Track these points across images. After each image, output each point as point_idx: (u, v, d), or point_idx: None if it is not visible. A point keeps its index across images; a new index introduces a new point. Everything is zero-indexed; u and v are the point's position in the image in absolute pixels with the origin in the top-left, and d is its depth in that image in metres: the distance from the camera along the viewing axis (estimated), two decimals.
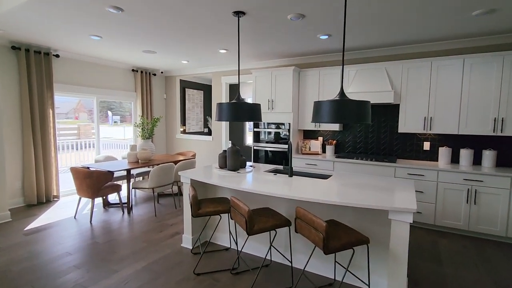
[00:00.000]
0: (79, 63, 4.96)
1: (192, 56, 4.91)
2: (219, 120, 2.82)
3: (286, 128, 4.54)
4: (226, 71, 5.81)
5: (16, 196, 4.25)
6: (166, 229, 3.48)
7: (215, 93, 6.03)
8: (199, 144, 6.38)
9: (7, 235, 3.21)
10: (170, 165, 4.12)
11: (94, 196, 3.70)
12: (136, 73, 5.94)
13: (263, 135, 4.79)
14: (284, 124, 4.62)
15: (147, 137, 4.72)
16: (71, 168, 3.67)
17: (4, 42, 3.98)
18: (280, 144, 4.61)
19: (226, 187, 2.49)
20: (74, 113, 15.21)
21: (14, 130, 4.18)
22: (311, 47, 4.17)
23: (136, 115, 6.07)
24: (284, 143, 4.57)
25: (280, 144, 4.62)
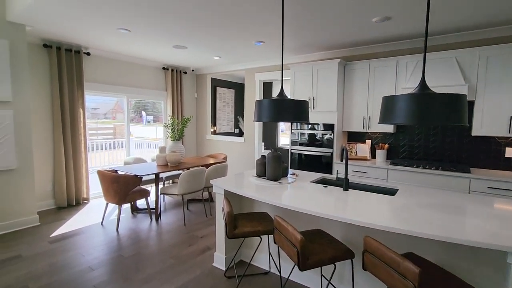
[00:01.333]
0: (110, 61, 4.81)
1: (225, 51, 4.53)
2: (258, 121, 2.37)
3: (321, 129, 3.99)
4: (260, 67, 5.37)
5: (48, 198, 4.16)
6: (196, 243, 3.11)
7: (248, 92, 5.62)
8: (230, 145, 6.02)
9: (32, 242, 3.04)
10: (200, 170, 3.76)
11: (121, 202, 3.44)
12: (166, 71, 5.72)
13: (296, 137, 4.28)
14: (318, 125, 4.07)
15: (177, 138, 4.42)
16: (98, 171, 3.45)
17: (35, 40, 3.88)
18: (321, 148, 4.07)
19: (269, 203, 2.04)
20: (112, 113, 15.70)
21: (45, 130, 4.09)
22: (362, 35, 3.58)
23: (167, 115, 5.85)
24: (327, 146, 4.02)
25: (320, 147, 4.07)
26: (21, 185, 3.38)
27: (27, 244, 3.00)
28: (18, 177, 3.35)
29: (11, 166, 3.27)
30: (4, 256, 2.73)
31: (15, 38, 3.23)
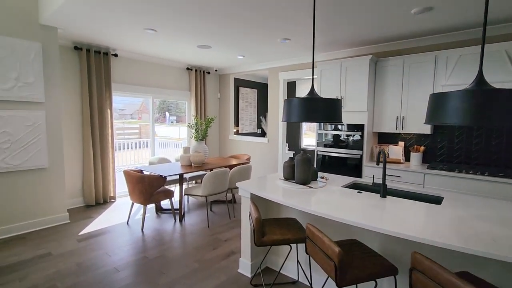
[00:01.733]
0: (136, 62, 4.87)
1: (249, 50, 4.43)
2: (287, 121, 2.23)
3: (349, 129, 3.76)
4: (285, 66, 5.22)
5: (77, 196, 4.27)
6: (220, 246, 3.03)
7: (271, 91, 5.50)
8: (253, 146, 5.92)
9: (61, 240, 3.10)
10: (224, 171, 3.69)
11: (146, 202, 3.44)
12: (190, 72, 5.73)
13: (323, 138, 4.08)
14: (343, 125, 3.86)
15: (200, 138, 4.39)
16: (124, 171, 3.47)
17: (67, 43, 3.99)
18: (350, 150, 3.85)
19: (299, 209, 1.90)
20: (138, 114, 16.20)
21: (75, 130, 4.20)
22: (397, 29, 3.33)
23: (190, 115, 5.86)
24: (356, 147, 3.80)
25: (349, 149, 3.85)
26: (52, 183, 3.48)
27: (57, 241, 3.06)
28: (49, 176, 3.45)
29: (43, 165, 3.37)
30: (35, 253, 2.80)
31: (47, 41, 3.33)
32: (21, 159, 3.19)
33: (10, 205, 3.17)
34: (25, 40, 3.14)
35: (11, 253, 2.79)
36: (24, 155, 3.21)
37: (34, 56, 3.21)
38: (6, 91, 3.04)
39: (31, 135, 3.25)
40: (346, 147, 3.90)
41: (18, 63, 3.10)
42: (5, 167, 3.09)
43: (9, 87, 3.06)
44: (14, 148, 3.13)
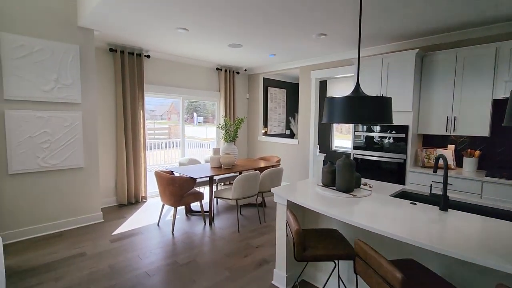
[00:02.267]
0: (167, 63, 4.89)
1: (281, 48, 4.25)
2: (328, 121, 2.03)
3: (390, 131, 3.43)
4: (317, 64, 4.97)
5: (110, 195, 4.36)
6: (252, 253, 2.88)
7: (302, 91, 5.27)
8: (282, 148, 5.73)
9: (96, 239, 3.13)
10: (255, 174, 3.54)
11: (176, 204, 3.39)
12: (220, 72, 5.67)
13: (360, 139, 3.78)
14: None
15: (230, 140, 4.28)
16: (156, 172, 3.45)
17: (103, 45, 4.08)
18: (391, 153, 3.53)
19: (345, 221, 1.69)
20: (167, 114, 16.69)
21: (109, 130, 4.28)
22: (448, 19, 2.98)
23: (219, 116, 5.80)
24: (398, 150, 3.47)
25: (390, 152, 3.53)
26: (88, 183, 3.54)
27: (92, 241, 3.10)
28: (85, 175, 3.52)
29: (79, 165, 3.44)
30: (71, 252, 2.84)
31: (84, 43, 3.39)
32: (59, 158, 3.28)
33: (48, 204, 3.26)
34: (64, 42, 3.22)
35: (49, 251, 2.85)
36: (62, 155, 3.29)
37: (72, 58, 3.28)
38: (46, 92, 3.13)
39: (68, 135, 3.33)
40: (387, 150, 3.58)
41: (58, 65, 3.19)
42: (44, 166, 3.18)
43: (49, 89, 3.15)
44: (53, 148, 3.22)
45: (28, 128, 3.06)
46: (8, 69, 2.89)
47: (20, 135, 3.02)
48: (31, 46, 3.00)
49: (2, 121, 2.92)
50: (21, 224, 3.09)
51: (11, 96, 2.93)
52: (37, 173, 3.15)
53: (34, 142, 3.10)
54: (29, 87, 3.02)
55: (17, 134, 3.00)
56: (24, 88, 3.00)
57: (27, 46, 2.98)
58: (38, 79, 3.07)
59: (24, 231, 3.10)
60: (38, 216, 3.20)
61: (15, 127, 2.98)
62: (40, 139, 3.13)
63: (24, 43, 2.96)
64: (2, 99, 2.90)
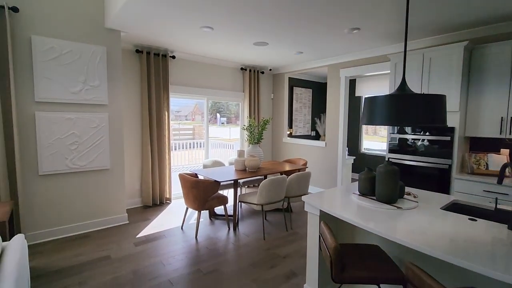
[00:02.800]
0: (192, 63, 4.84)
1: (309, 45, 4.03)
2: (368, 123, 1.80)
3: (430, 133, 3.08)
4: (347, 61, 4.68)
5: (135, 196, 4.37)
6: (279, 264, 2.69)
7: (330, 90, 4.99)
8: (308, 150, 5.48)
9: (120, 242, 3.10)
10: (282, 179, 3.35)
11: (200, 208, 3.29)
12: (244, 72, 5.54)
13: (395, 141, 3.46)
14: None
15: (255, 142, 4.13)
16: (180, 174, 3.37)
17: (129, 46, 4.09)
18: (434, 158, 3.19)
19: (393, 240, 1.46)
20: (192, 115, 16.98)
21: (135, 132, 4.29)
22: (505, 4, 2.61)
23: (244, 117, 5.67)
24: (442, 155, 3.13)
25: (432, 156, 3.19)
26: (113, 184, 3.55)
27: (116, 243, 3.07)
28: (111, 177, 3.52)
29: (106, 166, 3.44)
30: (95, 255, 2.81)
31: (111, 44, 3.39)
32: (87, 160, 3.29)
33: (75, 205, 3.29)
34: (92, 44, 3.24)
35: (75, 253, 2.85)
36: (89, 156, 3.31)
37: (99, 60, 3.29)
38: (75, 94, 3.16)
39: (95, 136, 3.34)
40: (427, 154, 3.24)
41: (86, 67, 3.20)
42: (72, 167, 3.21)
43: (77, 90, 3.17)
44: (80, 149, 3.24)
45: (57, 130, 3.09)
46: (39, 71, 2.94)
47: (50, 137, 3.06)
48: (60, 48, 3.03)
49: (33, 122, 2.97)
50: (50, 224, 3.13)
51: (41, 98, 2.98)
52: (65, 174, 3.19)
53: (63, 144, 3.13)
54: (58, 89, 3.06)
55: (47, 135, 3.04)
56: (54, 90, 3.03)
57: (57, 48, 3.01)
58: (67, 81, 3.10)
59: (52, 231, 3.14)
60: (66, 216, 3.23)
61: (45, 128, 3.02)
62: (68, 140, 3.16)
63: (54, 45, 2.99)
64: (33, 101, 2.95)
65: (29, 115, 2.95)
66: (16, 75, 2.85)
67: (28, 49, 2.89)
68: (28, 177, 2.98)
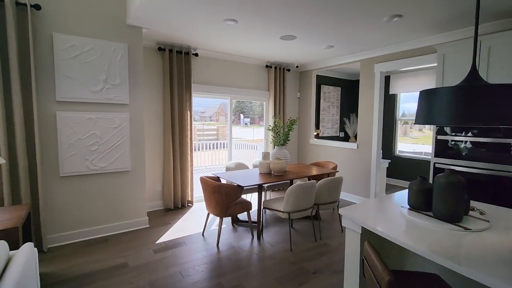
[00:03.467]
0: (215, 61, 4.65)
1: (341, 38, 3.67)
2: (426, 123, 1.46)
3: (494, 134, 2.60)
4: (383, 55, 4.25)
5: (157, 199, 4.25)
6: (308, 281, 2.39)
7: (363, 87, 4.58)
8: (337, 152, 5.09)
9: (139, 248, 2.96)
10: (311, 184, 3.04)
11: (222, 215, 3.07)
12: (269, 70, 5.27)
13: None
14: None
15: (281, 143, 3.84)
16: (201, 178, 3.17)
17: (151, 44, 3.97)
18: (499, 165, 2.72)
19: (490, 285, 1.12)
20: (216, 116, 16.96)
21: (156, 132, 4.17)
22: None
23: (268, 117, 5.40)
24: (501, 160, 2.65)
25: (495, 163, 2.72)
26: (134, 187, 3.43)
27: (135, 250, 2.93)
28: (132, 179, 3.40)
29: (126, 168, 3.33)
30: (113, 262, 2.68)
31: (133, 41, 3.27)
32: (107, 161, 3.19)
33: (95, 207, 3.20)
34: (113, 41, 3.13)
35: (92, 258, 2.73)
36: (109, 157, 3.21)
37: (121, 58, 3.18)
38: (95, 93, 3.06)
39: (116, 137, 3.24)
40: (491, 160, 2.77)
41: (107, 65, 3.10)
42: (93, 169, 3.12)
43: (98, 89, 3.07)
44: (101, 150, 3.15)
45: (78, 130, 3.01)
46: (60, 70, 2.86)
47: (71, 137, 2.98)
48: (81, 46, 2.95)
49: (54, 123, 2.91)
50: (69, 227, 3.06)
51: (62, 97, 2.90)
52: (85, 176, 3.10)
53: (83, 144, 3.05)
54: (79, 88, 2.97)
55: (68, 136, 2.96)
56: (75, 89, 2.95)
57: (78, 46, 2.93)
58: (88, 80, 3.01)
59: (72, 234, 3.07)
60: (85, 219, 3.15)
61: (66, 129, 2.95)
62: (89, 141, 3.08)
63: (75, 43, 2.91)
64: (54, 101, 2.89)
65: (50, 115, 2.88)
66: (37, 74, 2.79)
67: (49, 47, 2.82)
68: (48, 179, 2.92)
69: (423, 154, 5.85)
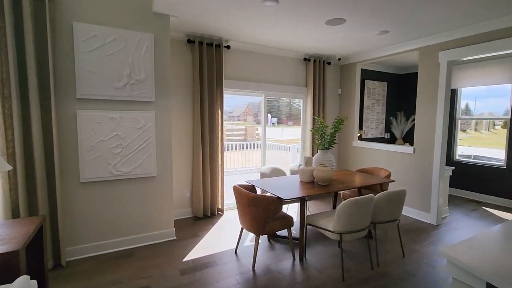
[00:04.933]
0: (248, 55, 4.19)
1: (400, 20, 3.03)
2: None
3: None
4: (451, 41, 3.51)
5: (185, 206, 3.89)
6: None
7: (422, 80, 3.86)
8: (387, 157, 4.39)
9: (164, 266, 2.58)
10: (368, 199, 2.45)
11: (258, 232, 2.59)
12: (308, 63, 4.71)
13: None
14: None
15: (326, 147, 3.28)
16: (234, 188, 2.72)
17: (180, 36, 3.61)
18: None
19: None
20: (243, 116, 16.59)
21: (185, 133, 3.81)
22: None
23: (306, 116, 4.84)
24: None
25: None
26: (160, 194, 3.07)
27: (160, 268, 2.55)
28: (158, 186, 3.05)
29: (151, 173, 2.98)
30: (135, 284, 2.31)
31: (159, 31, 2.91)
32: (131, 166, 2.86)
33: (118, 217, 2.88)
34: (138, 31, 2.78)
35: (113, 278, 2.39)
36: (133, 162, 2.87)
37: (146, 50, 2.82)
38: (119, 89, 2.73)
39: (141, 139, 2.89)
40: None
41: (131, 58, 2.76)
42: (116, 174, 2.79)
43: (122, 85, 2.74)
44: (124, 153, 2.82)
45: (100, 131, 2.70)
46: (80, 63, 2.56)
47: (92, 139, 2.68)
48: (104, 37, 2.62)
49: (74, 122, 2.61)
50: (90, 238, 2.76)
51: (83, 94, 2.60)
52: (107, 182, 2.79)
53: (105, 147, 2.73)
54: (101, 83, 2.66)
55: (89, 137, 2.66)
56: (97, 85, 2.64)
57: (100, 36, 2.61)
58: (111, 74, 2.69)
59: (92, 247, 2.77)
60: (107, 230, 2.83)
61: (87, 129, 2.65)
62: (111, 143, 2.76)
63: (97, 33, 2.59)
64: (74, 98, 2.59)
65: (70, 114, 2.59)
66: (56, 68, 2.50)
67: (69, 37, 2.53)
68: (68, 185, 2.63)
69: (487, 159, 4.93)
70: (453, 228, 3.64)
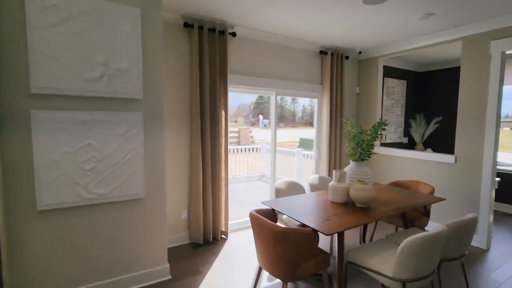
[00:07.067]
0: (257, 44, 3.49)
1: None
2: None
3: None
4: (504, 28, 2.90)
5: (181, 229, 3.14)
6: None
7: (466, 75, 3.23)
8: (419, 166, 3.74)
9: None
10: (443, 233, 1.77)
11: (287, 278, 1.87)
12: (324, 57, 4.03)
13: None
14: None
15: (361, 158, 2.59)
16: (252, 216, 2.00)
17: (175, 18, 2.88)
18: None
19: None
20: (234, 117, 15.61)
21: (181, 139, 3.07)
22: None
23: (322, 118, 4.16)
24: None
25: None
26: (149, 221, 2.32)
27: None
28: (146, 210, 2.30)
29: (138, 195, 2.23)
30: None
31: (148, 6, 2.17)
32: (109, 186, 2.10)
33: (93, 255, 2.12)
34: (119, 3, 2.04)
35: None
36: (112, 180, 2.12)
37: (131, 29, 2.09)
38: (91, 82, 1.98)
39: (123, 149, 2.14)
40: None
41: (108, 40, 2.02)
42: (87, 197, 2.04)
43: (95, 77, 1.99)
44: (100, 169, 2.06)
45: (65, 139, 1.95)
46: (35, 44, 1.81)
47: (54, 150, 1.92)
48: (68, 8, 1.88)
49: (28, 126, 1.85)
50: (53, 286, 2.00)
51: (41, 88, 1.85)
52: (75, 208, 2.03)
53: (73, 162, 1.98)
54: (65, 73, 1.91)
55: (49, 148, 1.90)
56: (59, 74, 1.89)
57: (62, 7, 1.86)
58: (78, 61, 1.94)
59: None
60: (77, 273, 2.07)
61: (46, 136, 1.89)
62: (81, 156, 2.00)
63: (57, 2, 1.84)
64: (27, 93, 1.84)
65: (21, 115, 1.84)
66: (1, 51, 1.75)
67: (18, 5, 1.77)
68: (18, 216, 1.86)
69: None
70: (507, 253, 3.01)
